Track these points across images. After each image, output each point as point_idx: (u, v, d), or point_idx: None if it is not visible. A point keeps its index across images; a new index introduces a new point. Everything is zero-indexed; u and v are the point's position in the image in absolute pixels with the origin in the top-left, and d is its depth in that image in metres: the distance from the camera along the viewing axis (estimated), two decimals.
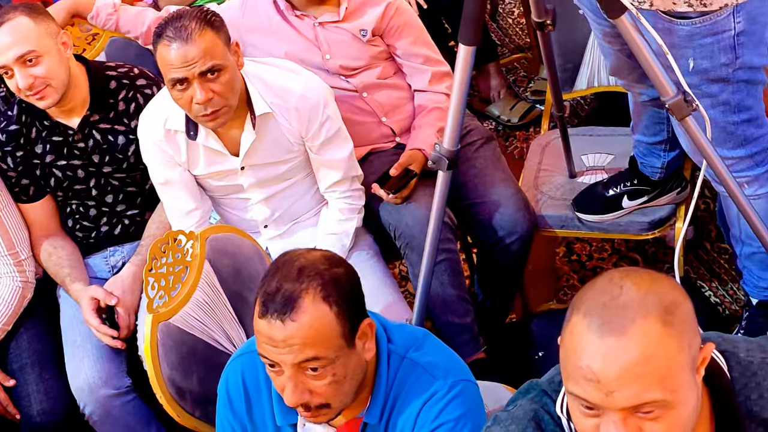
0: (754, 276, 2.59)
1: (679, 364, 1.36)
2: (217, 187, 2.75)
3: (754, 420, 1.49)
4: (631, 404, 1.35)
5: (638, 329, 1.35)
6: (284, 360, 1.73)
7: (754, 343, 1.56)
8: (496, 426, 1.58)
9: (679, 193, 2.94)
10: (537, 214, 3.01)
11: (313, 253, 1.80)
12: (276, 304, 1.72)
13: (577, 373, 1.37)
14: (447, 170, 2.34)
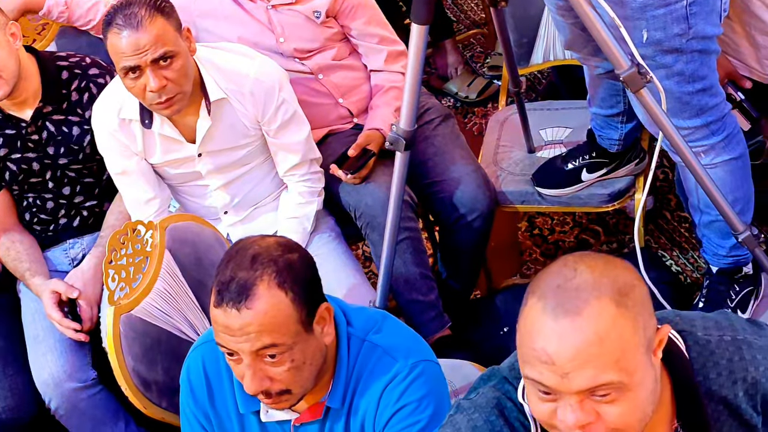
0: (713, 244, 2.60)
1: (634, 345, 1.35)
2: (175, 175, 2.73)
3: (713, 398, 1.50)
4: (586, 386, 1.34)
5: (592, 310, 1.34)
6: (242, 348, 1.72)
7: (711, 321, 1.56)
8: (459, 414, 1.57)
9: (637, 165, 2.96)
10: (497, 190, 3.01)
11: (266, 239, 1.79)
12: (231, 292, 1.70)
13: (533, 356, 1.37)
14: (405, 151, 2.33)
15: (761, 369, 1.50)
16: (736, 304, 2.57)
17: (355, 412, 1.87)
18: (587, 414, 1.36)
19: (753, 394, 1.51)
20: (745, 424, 1.52)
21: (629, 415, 1.37)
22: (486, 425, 1.53)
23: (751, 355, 1.51)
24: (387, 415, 1.82)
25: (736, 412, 1.51)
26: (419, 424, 1.80)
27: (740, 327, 1.55)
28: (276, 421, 1.92)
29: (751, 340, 1.52)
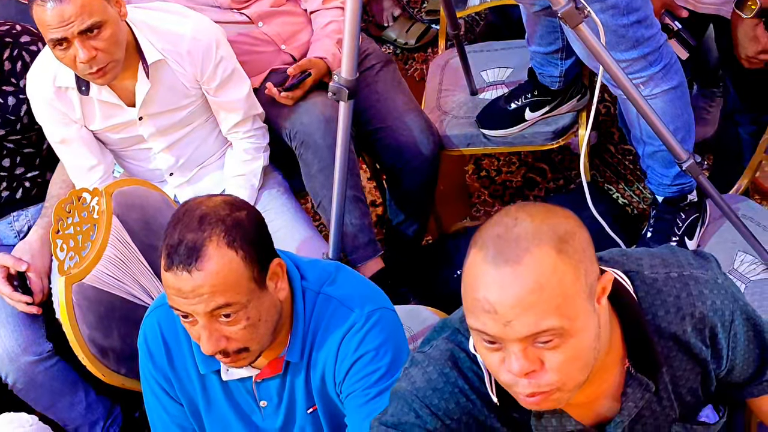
0: (658, 174, 2.63)
1: (575, 291, 1.36)
2: (117, 140, 2.70)
3: (663, 336, 1.52)
4: (528, 333, 1.35)
5: (532, 258, 1.35)
6: (196, 310, 1.71)
7: (657, 258, 1.57)
8: (414, 368, 1.59)
9: (579, 100, 2.97)
10: (442, 134, 3.02)
11: (213, 199, 1.77)
12: (180, 255, 1.69)
13: (476, 306, 1.37)
14: (348, 100, 2.32)
15: (708, 303, 1.53)
16: (683, 231, 2.60)
17: (314, 365, 1.88)
18: (531, 362, 1.37)
19: (701, 328, 1.53)
20: (694, 357, 1.55)
21: (572, 362, 1.38)
22: (441, 377, 1.55)
23: (698, 290, 1.53)
24: (346, 365, 1.83)
25: (685, 347, 1.53)
26: (379, 372, 1.81)
27: (686, 262, 1.57)
28: (237, 379, 1.93)
29: (697, 275, 1.54)
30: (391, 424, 1.55)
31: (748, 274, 2.42)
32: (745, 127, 2.92)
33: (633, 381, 1.52)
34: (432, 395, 1.54)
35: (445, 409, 1.54)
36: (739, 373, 1.62)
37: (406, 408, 1.55)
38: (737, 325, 1.56)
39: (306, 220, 2.80)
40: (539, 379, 1.39)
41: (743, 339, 1.58)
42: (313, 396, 1.91)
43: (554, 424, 1.54)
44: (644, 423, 1.58)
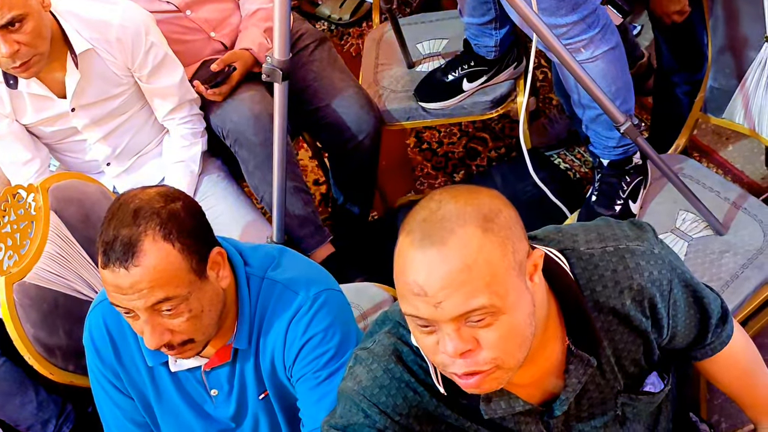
0: (602, 137, 2.63)
1: (504, 268, 1.36)
2: (51, 133, 2.65)
3: (602, 310, 1.53)
4: (459, 313, 1.35)
5: (457, 238, 1.34)
6: (136, 306, 1.69)
7: (593, 233, 1.57)
8: (358, 366, 1.58)
9: (515, 68, 2.97)
10: (381, 109, 3.00)
11: (147, 191, 1.73)
12: (116, 252, 1.66)
13: (407, 290, 1.37)
14: (283, 81, 2.29)
15: (645, 275, 1.53)
16: (627, 194, 2.61)
17: (263, 351, 1.87)
18: (466, 341, 1.37)
19: (640, 300, 1.53)
20: (635, 329, 1.55)
21: (507, 340, 1.38)
22: (386, 374, 1.55)
23: (634, 262, 1.53)
24: (295, 349, 1.82)
25: (625, 319, 1.54)
26: (328, 354, 1.81)
27: (623, 235, 1.57)
28: (186, 370, 1.91)
29: (633, 248, 1.55)
30: (341, 427, 1.54)
31: (690, 232, 2.44)
32: (681, 87, 2.94)
33: (574, 358, 1.53)
34: (379, 393, 1.54)
35: (393, 406, 1.54)
36: (681, 339, 1.63)
37: (354, 408, 1.55)
38: (676, 294, 1.56)
39: (248, 204, 2.78)
40: (475, 357, 1.38)
41: (683, 306, 1.59)
42: (263, 382, 1.90)
43: (503, 406, 1.54)
44: (590, 397, 1.59)
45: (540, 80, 3.64)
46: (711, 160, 3.29)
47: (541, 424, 1.59)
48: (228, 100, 2.75)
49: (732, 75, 2.47)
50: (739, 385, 1.75)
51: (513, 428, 1.59)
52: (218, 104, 2.77)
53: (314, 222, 2.87)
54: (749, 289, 2.32)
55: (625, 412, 1.63)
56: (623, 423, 1.65)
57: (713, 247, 2.40)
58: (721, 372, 1.73)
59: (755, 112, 2.45)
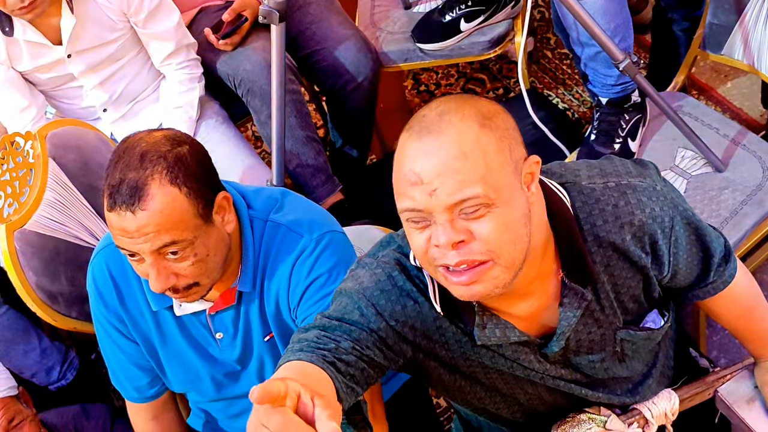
0: (601, 75, 2.62)
1: (499, 163, 1.37)
2: (47, 80, 2.63)
3: (602, 245, 1.53)
4: (453, 201, 1.35)
5: (455, 128, 1.36)
6: (142, 249, 1.69)
7: (595, 168, 1.57)
8: (361, 269, 1.58)
9: (513, 7, 2.95)
10: (379, 52, 2.98)
11: (153, 135, 1.72)
12: (122, 195, 1.65)
13: (403, 182, 1.38)
14: (279, 23, 2.28)
15: (647, 211, 1.53)
16: (626, 132, 2.61)
17: (267, 293, 1.87)
18: (459, 232, 1.37)
19: (641, 236, 1.54)
20: (635, 265, 1.56)
21: (500, 233, 1.38)
22: (389, 280, 1.55)
23: (636, 198, 1.53)
24: (300, 290, 1.83)
25: (625, 255, 1.54)
26: (333, 294, 1.80)
27: (625, 171, 1.57)
28: (191, 314, 1.91)
29: (635, 184, 1.55)
30: (334, 317, 1.53)
31: (689, 170, 2.44)
32: (679, 23, 2.92)
33: (569, 291, 1.53)
34: (379, 295, 1.54)
35: (391, 311, 1.54)
36: (683, 278, 1.64)
37: (351, 306, 1.54)
38: (677, 231, 1.56)
39: (248, 148, 2.78)
40: (469, 247, 1.38)
41: (685, 243, 1.59)
42: (268, 324, 1.91)
43: (497, 334, 1.55)
44: (589, 331, 1.60)
45: (537, 20, 3.61)
46: (709, 97, 3.28)
47: (539, 354, 1.61)
48: (239, 49, 2.74)
49: (731, 10, 2.45)
50: (741, 322, 1.77)
51: (510, 356, 1.60)
52: (226, 52, 2.75)
53: (325, 171, 2.88)
54: (748, 225, 2.33)
55: (624, 348, 1.64)
56: (622, 359, 1.66)
57: (712, 183, 2.40)
58: (723, 310, 1.74)
59: (754, 47, 2.44)
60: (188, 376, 2.01)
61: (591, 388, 1.68)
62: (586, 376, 1.66)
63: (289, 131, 2.75)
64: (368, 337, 1.52)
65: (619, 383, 1.71)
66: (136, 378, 2.05)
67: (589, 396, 1.69)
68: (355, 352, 1.49)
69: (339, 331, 1.51)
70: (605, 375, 1.67)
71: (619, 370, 1.67)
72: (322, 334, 1.50)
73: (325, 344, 1.47)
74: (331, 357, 1.45)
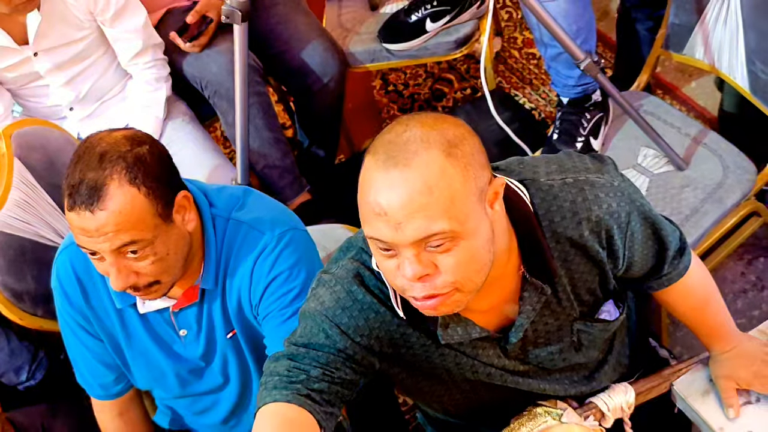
0: (562, 76, 2.65)
1: (464, 194, 1.38)
2: (13, 79, 2.63)
3: (560, 240, 1.55)
4: (419, 236, 1.36)
5: (420, 160, 1.36)
6: (102, 248, 1.70)
7: (554, 165, 1.59)
8: (321, 288, 1.60)
9: (479, 7, 2.97)
10: (346, 52, 3.00)
11: (113, 135, 1.73)
12: (81, 195, 1.66)
13: (368, 211, 1.38)
14: (242, 22, 2.29)
15: (604, 206, 1.55)
16: (588, 131, 2.64)
17: (230, 290, 1.89)
18: (425, 266, 1.39)
19: (598, 231, 1.56)
20: (592, 259, 1.59)
21: (466, 265, 1.40)
22: (348, 296, 1.57)
23: (593, 194, 1.55)
24: (261, 287, 1.84)
25: (582, 249, 1.57)
26: (293, 291, 1.83)
27: (583, 167, 1.59)
28: (155, 311, 1.93)
29: (593, 180, 1.57)
30: (302, 344, 1.57)
31: (652, 168, 2.48)
32: (643, 23, 2.95)
33: (529, 286, 1.56)
34: (341, 314, 1.57)
35: (354, 327, 1.57)
36: (638, 269, 1.67)
37: (315, 329, 1.57)
38: (634, 226, 1.59)
39: (214, 148, 2.78)
40: (434, 281, 1.41)
41: (641, 237, 1.62)
42: (231, 321, 1.92)
43: (459, 332, 1.58)
44: (546, 323, 1.63)
45: (505, 20, 3.64)
46: (674, 97, 3.32)
47: (499, 349, 1.63)
48: (205, 51, 2.74)
49: (692, 10, 2.48)
50: (694, 314, 1.80)
51: (470, 353, 1.63)
52: (193, 54, 2.75)
53: (292, 172, 2.89)
54: (709, 222, 2.36)
55: (581, 338, 1.67)
56: (578, 349, 1.70)
57: (674, 182, 2.44)
58: (678, 301, 1.77)
59: (715, 47, 2.47)
60: (153, 373, 2.02)
61: (548, 380, 1.71)
62: (544, 368, 1.69)
63: (256, 132, 2.76)
64: (336, 359, 1.55)
65: (576, 371, 1.74)
66: (101, 375, 2.06)
67: (547, 390, 1.72)
68: (326, 378, 1.53)
69: (307, 359, 1.55)
70: (563, 364, 1.70)
71: (575, 358, 1.71)
72: (291, 365, 1.54)
73: (296, 376, 1.52)
74: (305, 389, 1.51)
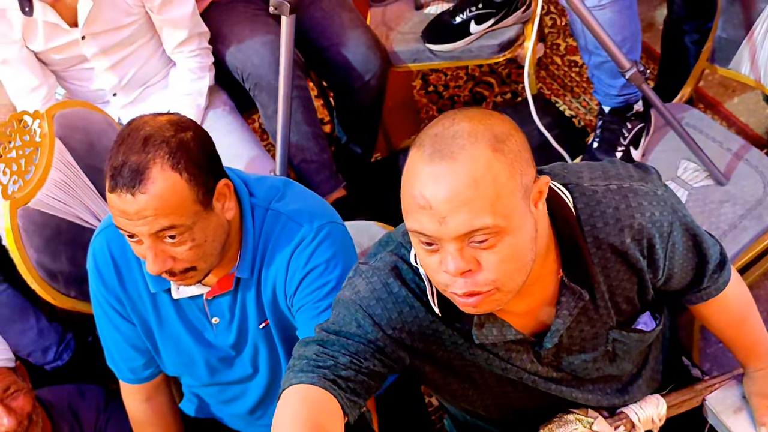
0: (605, 84, 2.64)
1: (510, 190, 1.37)
2: (60, 60, 2.65)
3: (601, 246, 1.54)
4: (463, 231, 1.36)
5: (467, 154, 1.35)
6: (140, 231, 1.70)
7: (598, 171, 1.58)
8: (358, 278, 1.60)
9: (524, 12, 2.96)
10: (389, 51, 3.00)
11: (158, 119, 1.74)
12: (124, 177, 1.67)
13: (412, 204, 1.38)
14: (290, 15, 2.30)
15: (647, 215, 1.55)
16: (628, 141, 2.62)
17: (265, 280, 1.89)
18: (467, 261, 1.39)
19: (639, 239, 1.55)
20: (632, 267, 1.58)
21: (508, 262, 1.40)
22: (384, 288, 1.57)
23: (636, 202, 1.54)
24: (297, 279, 1.84)
25: (623, 257, 1.56)
26: (329, 285, 1.83)
27: (627, 175, 1.58)
28: (188, 297, 1.93)
29: (637, 188, 1.56)
30: (332, 331, 1.56)
31: (691, 182, 2.46)
32: (690, 35, 2.93)
33: (567, 290, 1.55)
34: (375, 305, 1.56)
35: (387, 319, 1.56)
36: (677, 282, 1.65)
37: (348, 317, 1.57)
38: (675, 236, 1.58)
39: (253, 139, 2.79)
40: (475, 278, 1.40)
41: (681, 249, 1.60)
42: (264, 311, 1.92)
43: (495, 333, 1.57)
44: (582, 330, 1.61)
45: (549, 26, 3.62)
46: (716, 112, 3.29)
47: (532, 354, 1.62)
48: (248, 41, 2.75)
49: (740, 25, 2.46)
50: (731, 330, 1.78)
51: (503, 355, 1.62)
52: (236, 45, 2.76)
53: (330, 167, 2.89)
54: (747, 239, 2.34)
55: (616, 348, 1.66)
56: (612, 359, 1.68)
57: (713, 196, 2.42)
58: (715, 316, 1.76)
59: (762, 63, 2.45)
60: (183, 359, 2.03)
61: (581, 390, 1.70)
62: (577, 377, 1.68)
63: (295, 126, 2.76)
64: (366, 349, 1.55)
65: (609, 382, 1.73)
66: (131, 359, 2.07)
67: (579, 399, 1.71)
68: (353, 366, 1.52)
69: (337, 346, 1.54)
70: (596, 374, 1.69)
71: (609, 369, 1.69)
72: (320, 350, 1.53)
73: (324, 361, 1.51)
74: (331, 375, 1.49)
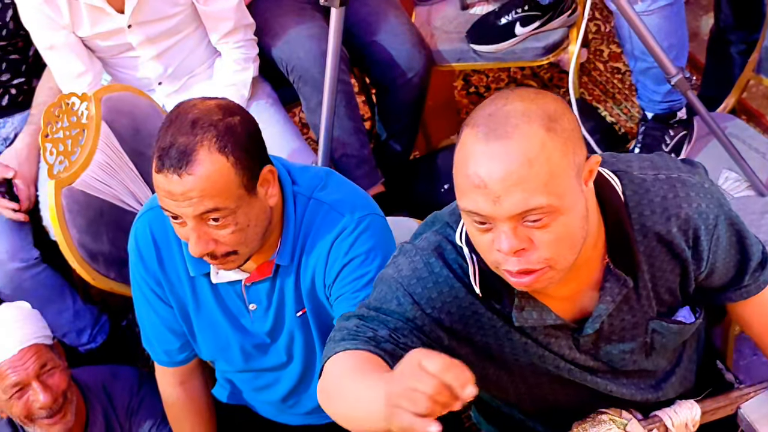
0: (649, 90, 2.64)
1: (563, 168, 1.38)
2: (106, 48, 2.67)
3: (647, 234, 1.55)
4: (518, 210, 1.37)
5: (521, 133, 1.37)
6: (185, 212, 1.72)
7: (647, 161, 1.60)
8: (401, 256, 1.62)
9: (570, 16, 2.95)
10: (432, 49, 3.00)
11: (206, 102, 1.76)
12: (171, 158, 1.69)
13: (467, 183, 1.39)
14: (340, 6, 2.31)
15: (694, 205, 1.56)
16: (670, 148, 2.62)
17: (304, 268, 1.90)
18: (521, 240, 1.40)
19: (686, 229, 1.56)
20: (676, 257, 1.58)
21: (561, 241, 1.41)
22: (426, 267, 1.58)
23: (684, 192, 1.56)
24: (336, 268, 1.85)
25: (668, 246, 1.57)
26: (368, 275, 1.83)
27: (675, 166, 1.60)
28: (227, 282, 1.94)
29: (685, 178, 1.57)
30: (373, 307, 1.58)
31: (732, 191, 2.45)
32: (736, 46, 2.92)
33: (611, 276, 1.56)
34: (416, 284, 1.57)
35: (427, 298, 1.57)
36: (718, 277, 1.65)
37: (389, 295, 1.58)
38: (720, 229, 1.58)
39: (295, 132, 2.80)
40: (529, 256, 1.41)
41: (725, 243, 1.61)
42: (302, 299, 1.93)
43: (534, 316, 1.58)
44: (623, 318, 1.62)
45: (593, 32, 3.62)
46: (759, 123, 3.27)
47: (571, 340, 1.63)
48: (294, 34, 2.76)
49: None
50: None
51: (542, 341, 1.62)
52: (283, 37, 2.77)
53: (369, 163, 2.91)
54: None
55: (654, 340, 1.66)
56: (649, 353, 1.68)
57: (754, 207, 2.40)
58: (754, 317, 1.74)
59: None
60: (218, 344, 2.04)
61: (616, 383, 1.70)
62: (613, 368, 1.68)
63: (337, 121, 2.77)
64: (405, 326, 1.56)
65: (644, 377, 1.73)
66: (167, 341, 2.09)
67: (614, 392, 1.70)
68: (392, 341, 1.53)
69: (376, 321, 1.55)
70: (632, 367, 1.69)
71: (645, 363, 1.69)
72: (360, 323, 1.55)
73: (363, 333, 1.53)
74: (373, 344, 1.51)
